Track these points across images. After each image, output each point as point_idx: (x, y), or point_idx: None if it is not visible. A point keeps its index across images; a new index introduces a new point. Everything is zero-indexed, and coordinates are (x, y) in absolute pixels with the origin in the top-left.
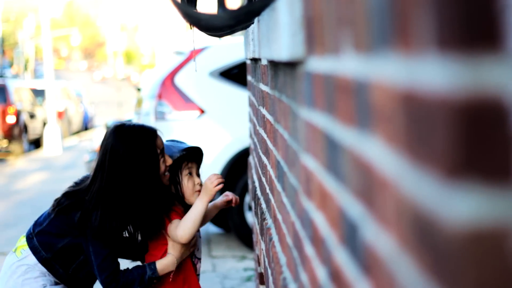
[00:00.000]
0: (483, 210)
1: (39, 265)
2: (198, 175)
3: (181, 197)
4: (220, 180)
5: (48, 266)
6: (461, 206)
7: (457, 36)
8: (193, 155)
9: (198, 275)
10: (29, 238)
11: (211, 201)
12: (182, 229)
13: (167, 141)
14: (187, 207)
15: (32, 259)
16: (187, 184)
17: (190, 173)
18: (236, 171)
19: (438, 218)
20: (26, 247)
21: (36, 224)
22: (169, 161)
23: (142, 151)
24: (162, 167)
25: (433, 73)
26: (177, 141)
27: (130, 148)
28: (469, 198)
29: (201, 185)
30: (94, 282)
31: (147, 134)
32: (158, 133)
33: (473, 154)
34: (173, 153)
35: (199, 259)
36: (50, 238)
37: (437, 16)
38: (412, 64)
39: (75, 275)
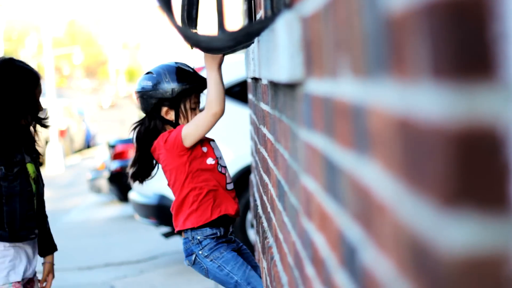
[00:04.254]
0: (478, 237)
1: None
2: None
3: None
4: None
5: None
6: (457, 233)
7: (451, 65)
8: (202, 88)
9: (230, 183)
10: None
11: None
12: (209, 102)
13: (180, 63)
14: None
15: None
16: (191, 115)
17: (195, 108)
18: (238, 188)
19: (434, 245)
20: None
21: None
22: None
23: (18, 89)
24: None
25: (428, 101)
26: (190, 68)
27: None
28: (465, 226)
29: None
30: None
31: (29, 78)
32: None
33: (468, 183)
34: (185, 81)
35: (225, 167)
36: None
37: (431, 44)
38: (408, 91)
39: (13, 228)
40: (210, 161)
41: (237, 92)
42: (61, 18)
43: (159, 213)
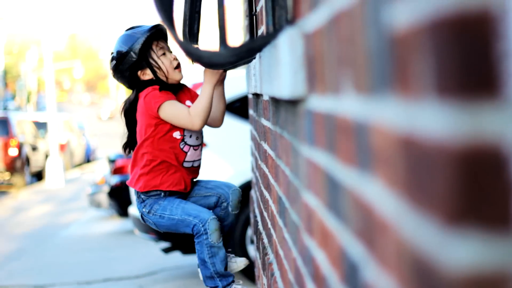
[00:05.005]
0: (482, 256)
1: None
2: (170, 51)
3: (164, 82)
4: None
5: None
6: (461, 252)
7: (455, 83)
8: (158, 33)
9: (189, 161)
10: None
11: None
12: (194, 113)
13: (126, 31)
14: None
15: None
16: (164, 62)
17: (164, 53)
18: None
19: (438, 263)
20: None
21: None
22: None
23: None
24: None
25: (432, 119)
26: (136, 27)
27: None
28: (468, 244)
29: (176, 59)
30: None
31: None
32: None
33: (472, 202)
34: (137, 38)
35: (193, 146)
36: None
37: (435, 62)
38: (411, 108)
39: None
40: (176, 134)
41: (238, 107)
42: (62, 32)
43: None
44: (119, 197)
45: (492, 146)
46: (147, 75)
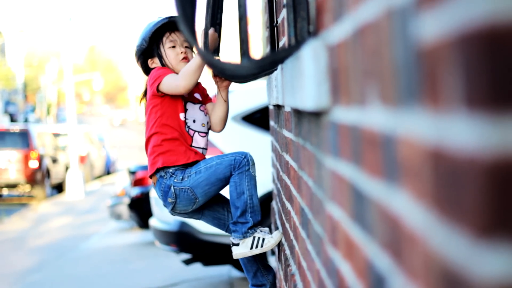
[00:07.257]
0: None
1: None
2: (186, 45)
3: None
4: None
5: None
6: (492, 264)
7: (485, 96)
8: (173, 25)
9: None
10: None
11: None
12: (179, 77)
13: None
14: None
15: None
16: (169, 55)
17: (173, 46)
18: None
19: (468, 275)
20: None
21: None
22: None
23: None
24: None
25: (462, 132)
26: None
27: None
28: (500, 257)
29: (185, 52)
30: None
31: None
32: None
33: (503, 214)
34: (150, 28)
35: (199, 132)
36: None
37: (466, 75)
38: (441, 121)
39: None
40: (181, 116)
41: (258, 118)
42: (81, 45)
43: (180, 239)
44: (139, 209)
45: None
46: (155, 63)
